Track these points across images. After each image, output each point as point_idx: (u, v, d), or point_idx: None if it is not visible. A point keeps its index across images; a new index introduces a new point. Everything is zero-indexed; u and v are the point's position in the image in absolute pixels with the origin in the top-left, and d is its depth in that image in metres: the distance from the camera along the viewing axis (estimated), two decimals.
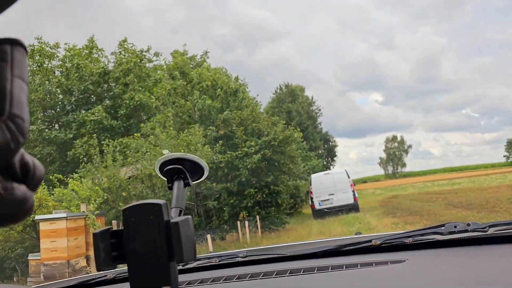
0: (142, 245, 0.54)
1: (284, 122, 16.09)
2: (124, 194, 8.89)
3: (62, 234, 7.56)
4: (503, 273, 0.94)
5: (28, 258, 9.14)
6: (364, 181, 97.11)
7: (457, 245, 1.21)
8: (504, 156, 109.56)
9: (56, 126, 23.84)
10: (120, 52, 26.20)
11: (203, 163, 0.75)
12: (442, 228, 1.25)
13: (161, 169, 0.74)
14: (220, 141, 12.02)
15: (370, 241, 1.26)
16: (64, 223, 7.57)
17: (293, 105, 51.06)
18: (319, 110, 61.03)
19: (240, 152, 12.65)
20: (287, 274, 1.12)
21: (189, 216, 0.57)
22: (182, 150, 9.47)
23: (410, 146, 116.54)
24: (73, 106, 23.94)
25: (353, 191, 16.79)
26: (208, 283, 1.15)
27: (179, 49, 31.45)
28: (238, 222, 11.58)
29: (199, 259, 1.39)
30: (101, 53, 26.63)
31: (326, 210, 16.30)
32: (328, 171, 19.11)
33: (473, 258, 1.11)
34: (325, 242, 1.48)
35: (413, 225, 10.66)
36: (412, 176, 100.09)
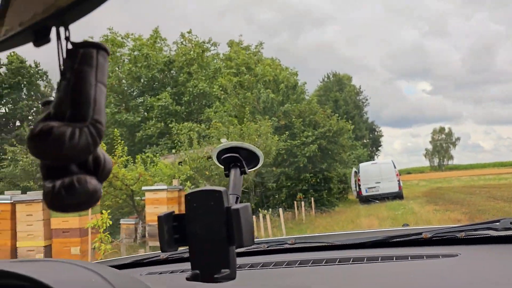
0: (203, 229, 0.57)
1: (330, 110, 17.57)
2: (207, 173, 10.81)
3: (163, 202, 9.53)
4: None
5: (120, 222, 11.23)
6: (408, 172, 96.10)
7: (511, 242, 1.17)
8: None
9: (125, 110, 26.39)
10: (182, 42, 28.41)
11: (259, 152, 0.78)
12: (497, 223, 1.20)
13: (218, 157, 0.79)
14: (285, 132, 13.74)
15: (421, 233, 1.23)
16: (165, 193, 9.53)
17: (340, 94, 51.47)
18: (366, 99, 61.25)
19: (298, 141, 14.35)
20: (337, 263, 1.11)
21: (249, 204, 0.60)
22: (256, 138, 11.23)
23: (458, 139, 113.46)
24: (141, 91, 26.32)
25: (399, 181, 18.18)
26: (258, 267, 1.15)
27: (234, 39, 33.49)
28: (295, 202, 13.30)
29: None
30: (164, 43, 28.95)
31: (372, 196, 17.80)
32: (375, 161, 20.56)
33: None
34: (373, 233, 1.47)
35: (453, 212, 12.01)
36: (459, 169, 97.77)
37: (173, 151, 19.34)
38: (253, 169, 0.79)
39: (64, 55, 0.33)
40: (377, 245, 1.26)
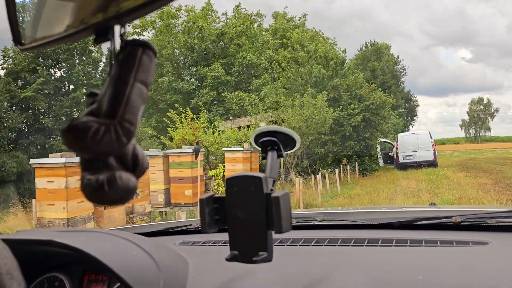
0: (243, 212, 0.59)
1: (365, 79, 19.08)
2: None
3: (239, 161, 11.76)
4: None
5: None
6: (443, 142, 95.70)
7: None
8: None
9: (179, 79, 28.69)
10: (234, 15, 30.21)
11: (295, 135, 0.79)
12: None
13: (256, 140, 0.79)
14: (335, 104, 15.71)
15: (450, 217, 1.20)
16: (241, 154, 11.76)
17: (378, 63, 51.70)
18: (404, 69, 61.37)
19: (345, 112, 16.29)
20: (365, 244, 1.11)
21: (288, 191, 0.61)
22: (314, 110, 13.23)
23: (497, 110, 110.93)
24: (194, 61, 28.45)
25: (434, 150, 19.97)
26: (287, 244, 1.16)
27: (279, 11, 34.98)
28: (341, 166, 15.36)
29: None
30: (215, 15, 30.79)
31: (408, 164, 19.68)
32: (413, 131, 22.27)
33: None
34: (401, 213, 1.47)
35: (481, 178, 13.85)
36: (496, 141, 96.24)
37: (231, 117, 21.64)
38: (290, 151, 0.80)
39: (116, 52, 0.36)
40: (405, 226, 1.25)
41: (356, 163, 16.39)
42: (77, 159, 6.78)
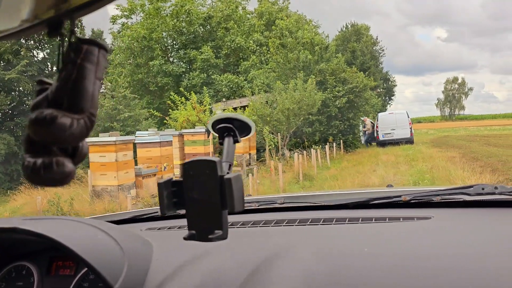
0: (199, 194, 0.63)
1: (345, 60, 20.50)
2: (268, 119, 14.41)
3: None
4: None
5: None
6: (419, 121, 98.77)
7: (482, 206, 1.23)
8: None
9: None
10: None
11: (251, 122, 0.83)
12: (470, 189, 1.26)
13: (213, 127, 0.83)
14: (325, 89, 17.23)
15: (400, 196, 1.29)
16: None
17: (357, 44, 52.77)
18: (382, 50, 62.91)
19: (331, 94, 17.85)
20: (321, 223, 1.17)
21: (240, 173, 0.67)
22: (304, 93, 14.69)
23: (471, 89, 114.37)
24: (183, 45, 29.31)
25: (411, 128, 21.87)
26: (249, 225, 1.22)
27: None
28: (328, 143, 16.96)
29: None
30: None
31: (387, 141, 21.53)
32: (392, 111, 24.13)
33: (497, 220, 1.13)
34: (358, 194, 1.55)
35: (451, 153, 15.69)
36: (469, 120, 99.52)
37: (223, 99, 22.91)
38: (246, 137, 0.84)
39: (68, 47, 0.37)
40: (359, 206, 1.33)
41: (341, 141, 18.08)
42: (124, 138, 8.14)
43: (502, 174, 9.36)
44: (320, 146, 15.72)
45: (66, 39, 0.37)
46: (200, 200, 0.64)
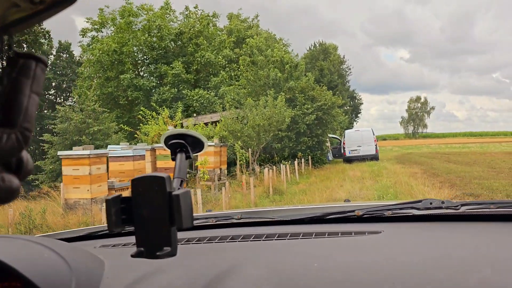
0: (148, 211, 0.62)
1: (314, 78, 21.25)
2: (239, 134, 14.69)
3: (210, 154, 13.38)
4: (469, 248, 1.01)
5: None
6: (384, 138, 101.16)
7: (431, 220, 1.28)
8: None
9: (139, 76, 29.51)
10: (187, 14, 31.47)
11: (203, 138, 0.83)
12: (419, 203, 1.31)
13: (166, 142, 0.82)
14: (294, 106, 17.70)
15: (354, 211, 1.33)
16: (212, 148, 13.38)
17: (325, 63, 53.97)
18: (349, 69, 64.70)
19: (300, 112, 18.37)
20: (275, 238, 1.19)
21: (189, 189, 0.65)
22: (274, 110, 15.09)
23: (433, 108, 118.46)
24: (154, 60, 29.37)
25: (376, 145, 22.65)
26: (204, 241, 1.23)
27: (233, 12, 36.71)
28: (297, 159, 17.37)
29: (198, 218, 1.46)
30: (173, 14, 31.85)
31: (353, 157, 22.22)
32: (358, 128, 24.93)
33: (443, 234, 1.17)
34: (314, 209, 1.56)
35: (414, 169, 16.40)
36: (432, 138, 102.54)
37: (194, 114, 23.05)
38: (198, 153, 0.84)
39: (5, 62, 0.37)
40: (314, 221, 1.35)
41: (310, 156, 18.57)
42: (98, 151, 8.21)
43: (460, 189, 9.95)
44: (289, 161, 16.11)
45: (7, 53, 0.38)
46: (149, 216, 0.63)
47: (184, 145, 0.82)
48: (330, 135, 22.89)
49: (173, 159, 0.81)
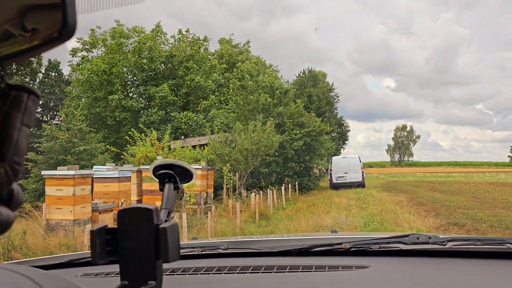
0: (134, 243, 0.61)
1: (303, 105, 21.50)
2: (226, 158, 14.65)
3: (198, 177, 13.31)
4: (455, 285, 1.00)
5: None
6: (370, 165, 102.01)
7: (417, 255, 1.29)
8: (509, 156, 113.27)
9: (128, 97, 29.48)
10: (180, 38, 31.79)
11: (192, 169, 0.82)
12: (406, 238, 1.31)
13: (154, 172, 0.81)
14: (283, 132, 17.80)
15: (341, 243, 1.32)
16: (199, 171, 13.30)
17: (314, 89, 54.65)
18: (337, 96, 65.66)
19: (288, 137, 18.45)
20: (262, 271, 1.18)
21: (177, 223, 0.64)
22: (263, 135, 15.15)
23: (418, 137, 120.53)
24: (144, 81, 29.44)
25: (362, 173, 22.77)
26: (189, 272, 1.21)
27: (225, 37, 37.22)
28: (284, 184, 17.35)
29: (183, 248, 1.43)
30: (164, 37, 32.14)
31: (340, 184, 22.26)
32: (345, 156, 25.05)
33: (430, 269, 1.17)
34: (302, 240, 1.57)
35: (400, 197, 16.47)
36: (417, 166, 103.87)
37: (182, 137, 23.00)
38: (187, 184, 0.83)
39: None
40: (302, 253, 1.34)
41: (297, 182, 18.56)
42: (83, 171, 8.09)
43: (444, 218, 10.00)
44: (276, 186, 16.08)
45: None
46: (135, 249, 0.62)
47: (173, 176, 0.81)
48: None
49: (161, 190, 0.80)
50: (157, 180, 0.82)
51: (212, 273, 1.20)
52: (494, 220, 9.74)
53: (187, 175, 0.82)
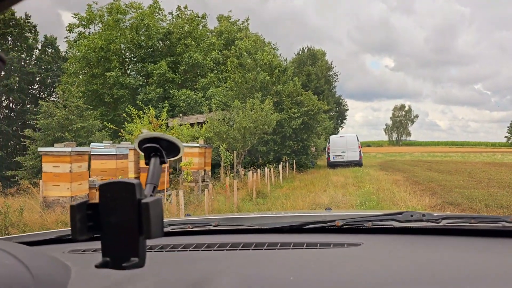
0: (116, 218, 0.59)
1: (301, 83, 21.36)
2: (224, 136, 14.62)
3: (195, 155, 13.30)
4: (449, 264, 0.99)
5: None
6: (368, 145, 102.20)
7: (411, 233, 1.26)
8: (505, 137, 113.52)
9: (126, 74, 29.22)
10: (178, 14, 31.35)
11: (179, 143, 0.78)
12: (400, 216, 1.29)
13: (140, 145, 0.79)
14: (281, 110, 17.72)
15: (334, 221, 1.30)
16: (197, 149, 13.30)
17: (313, 68, 54.31)
18: (336, 75, 65.27)
19: (286, 116, 18.40)
20: (252, 247, 1.17)
21: (160, 197, 0.62)
22: (261, 113, 15.08)
23: (416, 116, 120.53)
24: (141, 58, 29.13)
25: (360, 152, 22.79)
26: (179, 249, 1.19)
27: (224, 14, 36.69)
28: (281, 163, 17.39)
29: (174, 224, 1.43)
30: (162, 13, 31.68)
31: (338, 163, 22.33)
32: (343, 134, 25.04)
33: (423, 247, 1.16)
34: (294, 217, 1.56)
35: (397, 176, 16.55)
36: (415, 146, 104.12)
37: (180, 114, 22.92)
38: (173, 158, 0.80)
39: None
40: (294, 230, 1.32)
41: (294, 160, 18.60)
42: (80, 149, 8.07)
43: (440, 197, 10.06)
44: (274, 165, 16.11)
45: None
46: (117, 224, 0.60)
47: (159, 150, 0.78)
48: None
49: (147, 164, 0.78)
50: (143, 154, 0.79)
51: (202, 250, 1.18)
52: (490, 199, 9.82)
53: (174, 149, 0.79)
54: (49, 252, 1.08)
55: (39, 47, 41.08)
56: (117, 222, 0.60)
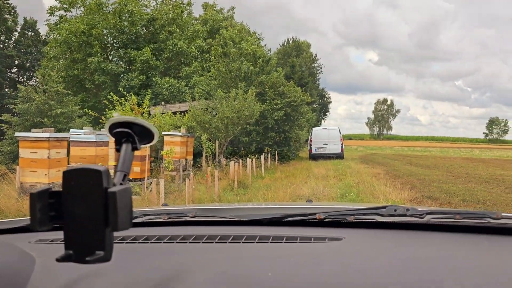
0: (80, 208, 0.55)
1: (285, 74, 21.32)
2: (207, 125, 14.53)
3: (177, 144, 13.21)
4: (432, 259, 0.97)
5: None
6: (350, 138, 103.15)
7: (394, 228, 1.24)
8: (484, 133, 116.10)
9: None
10: (163, 1, 30.87)
11: (153, 128, 0.74)
12: (383, 210, 1.26)
13: (110, 130, 0.73)
14: (264, 101, 17.68)
15: (315, 214, 1.26)
16: (179, 138, 13.20)
17: (297, 59, 54.28)
18: (320, 67, 65.48)
19: (269, 107, 18.38)
20: (229, 240, 1.12)
21: (129, 186, 0.58)
22: (244, 103, 15.03)
23: (398, 111, 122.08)
24: (124, 44, 28.63)
25: (342, 144, 22.97)
26: (152, 240, 1.14)
27: (209, 2, 36.28)
28: (263, 153, 17.41)
29: (149, 214, 1.37)
30: None
31: (319, 155, 22.48)
32: (325, 127, 25.19)
33: (406, 243, 1.14)
34: (274, 209, 1.52)
35: (377, 169, 16.75)
36: (395, 140, 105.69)
37: (162, 103, 22.67)
38: (146, 145, 0.75)
39: None
40: (273, 223, 1.28)
41: (276, 152, 18.64)
42: (58, 134, 7.90)
43: (419, 191, 10.23)
44: (256, 155, 16.11)
45: None
46: (81, 215, 0.56)
47: (131, 135, 0.73)
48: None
49: (118, 150, 0.73)
50: (113, 139, 0.74)
51: (176, 242, 1.13)
52: (467, 194, 10.02)
53: (147, 135, 0.74)
54: (15, 242, 1.02)
55: (19, 30, 40.12)
56: (81, 212, 0.56)
